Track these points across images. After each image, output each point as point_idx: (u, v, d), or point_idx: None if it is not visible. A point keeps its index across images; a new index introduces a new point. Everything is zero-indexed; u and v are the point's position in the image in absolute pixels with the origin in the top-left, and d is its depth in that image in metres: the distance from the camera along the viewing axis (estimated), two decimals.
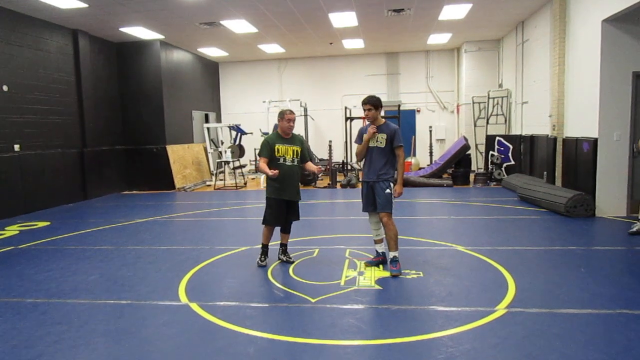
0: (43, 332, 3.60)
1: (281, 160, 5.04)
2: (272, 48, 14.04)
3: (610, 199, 7.29)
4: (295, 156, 5.13)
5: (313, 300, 4.08)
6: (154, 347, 3.33)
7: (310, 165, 5.26)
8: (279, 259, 5.31)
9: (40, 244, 6.62)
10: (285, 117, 5.07)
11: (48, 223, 8.18)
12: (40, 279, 4.97)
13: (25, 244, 6.62)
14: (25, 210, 9.23)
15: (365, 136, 4.86)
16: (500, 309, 3.77)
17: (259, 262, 5.19)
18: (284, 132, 5.13)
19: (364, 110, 4.89)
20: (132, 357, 3.17)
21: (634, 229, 6.12)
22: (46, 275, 5.10)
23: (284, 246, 5.34)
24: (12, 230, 7.64)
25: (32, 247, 6.42)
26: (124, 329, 3.63)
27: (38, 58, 9.71)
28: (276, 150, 5.04)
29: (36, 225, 8.04)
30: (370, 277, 4.65)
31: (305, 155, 5.26)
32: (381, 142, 4.82)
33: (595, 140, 7.28)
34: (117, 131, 12.41)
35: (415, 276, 4.66)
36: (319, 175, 13.67)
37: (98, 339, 3.47)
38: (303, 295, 4.21)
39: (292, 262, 5.22)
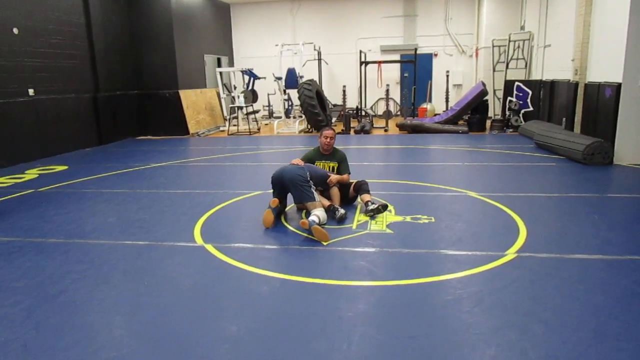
0: (65, 270, 3.76)
1: None
2: None
3: (629, 146, 7.12)
4: (332, 172, 5.29)
5: (325, 244, 4.16)
6: (172, 285, 3.47)
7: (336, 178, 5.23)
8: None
9: (59, 187, 6.78)
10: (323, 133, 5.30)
11: (66, 167, 8.34)
12: (60, 220, 5.13)
13: (45, 187, 6.79)
14: (43, 154, 9.38)
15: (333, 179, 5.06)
16: (510, 254, 3.81)
17: None
18: (323, 148, 5.35)
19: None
20: (152, 294, 3.31)
21: None
22: (66, 217, 5.26)
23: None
24: (31, 173, 7.81)
25: (52, 190, 6.59)
26: (142, 268, 3.77)
27: (47, 0, 9.52)
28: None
29: (54, 169, 8.20)
30: (382, 222, 4.70)
31: (343, 169, 5.37)
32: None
33: (619, 86, 7.03)
34: (129, 76, 12.30)
35: (426, 221, 4.70)
36: (333, 121, 13.54)
37: (118, 276, 3.62)
38: (315, 239, 4.29)
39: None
